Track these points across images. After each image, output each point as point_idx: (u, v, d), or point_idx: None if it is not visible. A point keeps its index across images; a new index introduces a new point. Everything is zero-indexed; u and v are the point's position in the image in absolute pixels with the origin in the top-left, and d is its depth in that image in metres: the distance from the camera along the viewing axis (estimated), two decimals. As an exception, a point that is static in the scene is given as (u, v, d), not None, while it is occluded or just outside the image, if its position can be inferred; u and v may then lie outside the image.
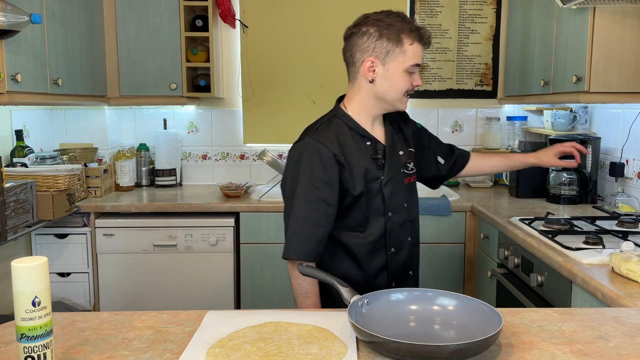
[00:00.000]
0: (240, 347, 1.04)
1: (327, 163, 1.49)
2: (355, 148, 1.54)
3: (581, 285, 1.56)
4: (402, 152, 1.62)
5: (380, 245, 1.58)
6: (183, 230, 2.69)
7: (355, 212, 1.55)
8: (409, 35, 1.48)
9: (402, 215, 1.61)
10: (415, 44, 1.49)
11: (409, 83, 1.53)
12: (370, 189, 1.54)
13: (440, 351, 0.95)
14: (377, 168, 1.55)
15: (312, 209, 1.50)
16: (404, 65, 1.50)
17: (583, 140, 2.66)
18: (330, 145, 1.50)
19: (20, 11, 1.91)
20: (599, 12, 2.10)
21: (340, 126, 1.55)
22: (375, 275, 1.60)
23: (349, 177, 1.51)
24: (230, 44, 3.27)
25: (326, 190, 1.49)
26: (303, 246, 1.50)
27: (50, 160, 2.70)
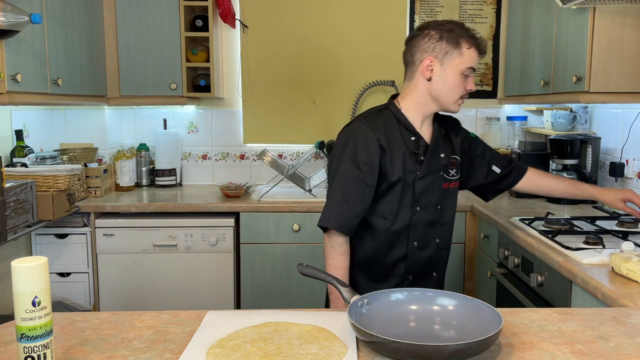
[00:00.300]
0: (240, 347, 1.04)
1: (370, 146, 1.61)
2: (399, 139, 1.64)
3: (581, 285, 1.56)
4: (443, 155, 1.69)
5: (404, 237, 1.67)
6: (183, 230, 2.69)
7: (389, 199, 1.65)
8: (467, 40, 1.60)
9: (432, 214, 1.68)
10: (472, 49, 1.60)
11: (463, 86, 1.62)
12: (405, 180, 1.63)
13: (440, 351, 0.95)
14: (415, 163, 1.65)
15: (351, 186, 1.62)
16: (460, 67, 1.60)
17: (583, 140, 2.66)
18: (376, 130, 1.63)
19: (20, 11, 1.91)
20: (599, 12, 2.10)
21: (389, 117, 1.67)
22: (394, 264, 1.69)
23: (389, 163, 1.62)
24: (230, 44, 3.27)
25: (366, 170, 1.61)
26: (337, 218, 1.62)
27: (50, 160, 2.70)
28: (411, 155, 1.65)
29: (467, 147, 1.81)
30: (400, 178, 1.62)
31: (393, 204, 1.65)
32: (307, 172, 3.20)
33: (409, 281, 1.71)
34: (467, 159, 1.81)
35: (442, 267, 1.77)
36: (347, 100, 3.28)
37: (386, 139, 1.63)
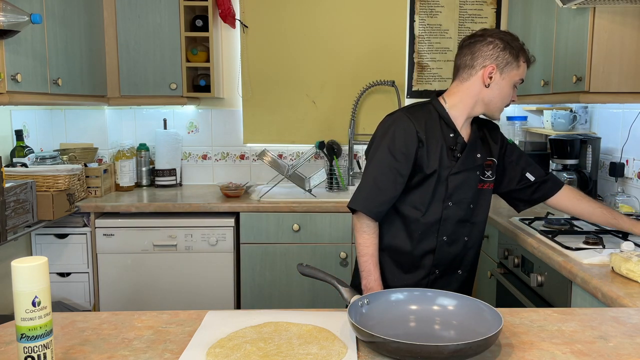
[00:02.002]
0: (240, 347, 1.04)
1: (408, 136, 1.66)
2: (439, 133, 1.68)
3: (581, 285, 1.56)
4: (479, 155, 1.72)
5: (434, 230, 1.70)
6: (183, 230, 2.69)
7: (422, 191, 1.68)
8: (524, 54, 1.69)
9: (464, 211, 1.71)
10: (525, 66, 1.70)
11: (510, 95, 1.70)
12: (440, 174, 1.67)
13: (440, 351, 0.95)
14: (452, 159, 1.68)
15: (384, 173, 1.67)
16: (515, 79, 1.68)
17: (583, 140, 2.66)
18: (416, 122, 1.67)
19: (20, 11, 1.91)
20: (599, 12, 2.10)
21: (431, 112, 1.72)
22: (422, 256, 1.72)
23: (425, 155, 1.66)
24: (230, 44, 3.27)
25: (402, 160, 1.66)
26: (366, 202, 1.68)
27: (50, 160, 2.70)
28: (448, 151, 1.68)
29: (504, 151, 1.84)
30: (435, 171, 1.66)
31: (426, 196, 1.68)
32: (307, 172, 3.20)
33: (435, 275, 1.74)
34: (502, 163, 1.84)
35: (467, 265, 1.79)
36: (347, 100, 3.28)
37: (425, 131, 1.67)
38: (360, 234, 1.71)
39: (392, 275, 1.75)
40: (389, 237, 1.74)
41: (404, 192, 1.69)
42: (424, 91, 3.30)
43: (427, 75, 3.30)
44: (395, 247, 1.74)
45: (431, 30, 3.27)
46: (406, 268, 1.74)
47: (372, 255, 1.72)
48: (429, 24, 3.26)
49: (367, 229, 1.70)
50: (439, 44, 3.28)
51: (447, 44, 3.28)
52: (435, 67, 3.30)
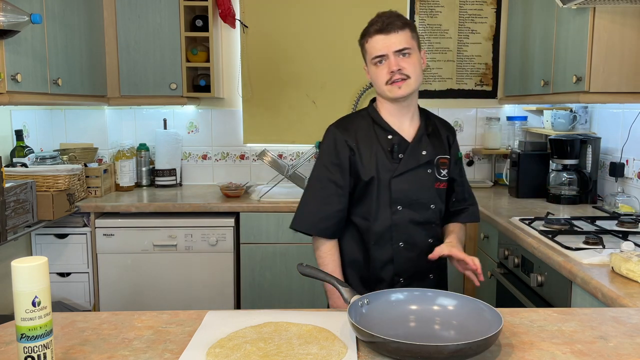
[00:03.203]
0: (240, 347, 1.04)
1: (338, 147, 1.64)
2: (373, 138, 1.64)
3: (581, 285, 1.56)
4: (425, 152, 1.64)
5: (387, 238, 1.63)
6: (183, 230, 2.69)
7: (367, 200, 1.63)
8: (365, 36, 1.62)
9: (421, 214, 1.64)
10: (370, 40, 1.59)
11: (383, 72, 1.59)
12: (381, 179, 1.61)
13: (440, 351, 0.95)
14: (394, 161, 1.62)
15: (321, 187, 1.65)
16: (370, 60, 1.62)
17: (583, 140, 2.66)
18: (344, 131, 1.65)
19: (20, 11, 1.91)
20: (599, 12, 2.10)
21: (365, 118, 1.68)
22: (381, 267, 1.65)
23: (360, 162, 1.62)
24: (230, 44, 3.27)
25: (336, 172, 1.64)
26: (306, 219, 1.66)
27: (50, 160, 2.70)
28: (387, 154, 1.62)
29: (456, 159, 1.76)
30: (373, 177, 1.61)
31: (371, 204, 1.63)
32: (307, 172, 3.19)
33: (400, 284, 1.66)
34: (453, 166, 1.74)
35: (441, 268, 1.73)
36: (347, 100, 3.28)
37: (356, 139, 1.63)
38: (316, 253, 1.68)
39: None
40: (348, 251, 1.70)
41: (353, 204, 1.66)
42: (424, 91, 3.30)
43: (427, 75, 3.30)
44: (355, 261, 1.69)
45: (431, 30, 3.27)
46: (370, 282, 1.67)
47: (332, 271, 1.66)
48: (429, 24, 3.26)
49: (321, 246, 1.67)
50: (439, 44, 3.28)
51: (447, 44, 3.28)
52: (435, 67, 3.30)
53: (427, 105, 3.30)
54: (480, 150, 3.26)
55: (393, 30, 1.57)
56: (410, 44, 1.58)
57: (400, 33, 1.57)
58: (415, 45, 1.60)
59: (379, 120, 1.66)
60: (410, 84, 1.58)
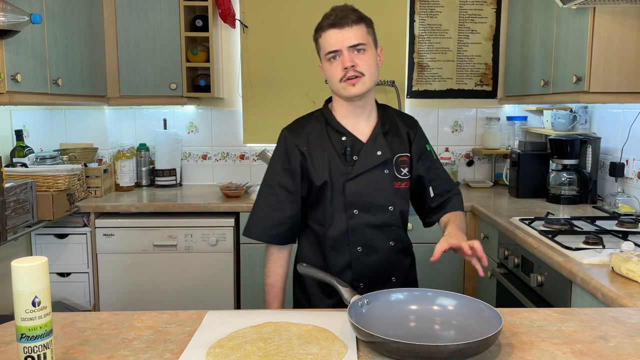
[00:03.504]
0: (240, 347, 1.04)
1: (289, 151, 1.58)
2: (326, 141, 1.58)
3: (581, 285, 1.56)
4: (380, 152, 1.56)
5: (344, 243, 1.58)
6: (183, 230, 2.69)
7: (322, 204, 1.58)
8: (318, 31, 1.56)
9: (380, 217, 1.57)
10: (323, 34, 1.53)
11: (337, 69, 1.52)
12: (335, 183, 1.55)
13: (440, 351, 0.95)
14: (348, 164, 1.55)
15: (271, 193, 1.60)
16: (323, 56, 1.55)
17: (583, 140, 2.66)
18: (295, 135, 1.59)
19: (20, 11, 1.91)
20: (599, 12, 2.10)
21: (318, 120, 1.63)
22: (339, 273, 1.58)
23: (311, 167, 1.56)
24: (230, 44, 3.27)
25: (287, 177, 1.58)
26: (257, 226, 1.62)
27: (50, 160, 2.70)
28: (341, 157, 1.56)
29: (420, 153, 1.65)
30: (326, 182, 1.55)
31: (326, 209, 1.57)
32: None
33: (361, 288, 1.59)
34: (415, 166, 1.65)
35: (404, 270, 1.66)
36: (347, 100, 3.28)
37: (307, 142, 1.57)
38: (265, 261, 1.66)
39: (317, 300, 1.64)
40: (306, 256, 1.65)
41: (309, 209, 1.61)
42: (424, 91, 3.30)
43: (427, 75, 3.30)
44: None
45: (431, 30, 3.27)
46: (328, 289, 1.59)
47: (272, 285, 1.65)
48: (429, 24, 3.26)
49: (269, 255, 1.64)
50: (439, 44, 3.28)
51: (447, 44, 3.28)
52: (435, 67, 3.30)
53: (427, 106, 3.33)
54: (480, 150, 3.26)
55: (347, 25, 1.50)
56: (366, 40, 1.52)
57: (355, 28, 1.50)
58: (371, 41, 1.54)
59: (332, 122, 1.59)
60: (365, 82, 1.51)
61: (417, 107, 3.31)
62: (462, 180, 3.34)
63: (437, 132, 3.33)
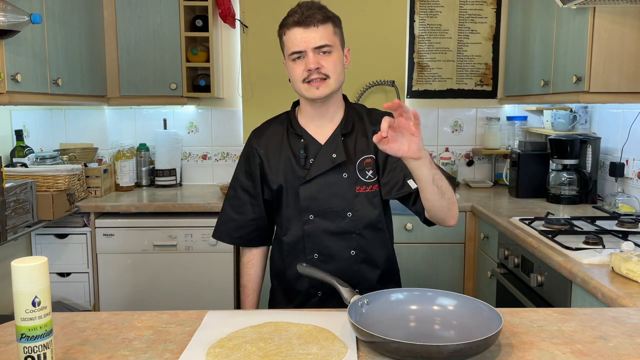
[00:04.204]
0: (240, 347, 1.04)
1: (250, 155, 1.59)
2: (285, 144, 1.54)
3: (581, 285, 1.56)
4: (335, 155, 1.49)
5: (299, 249, 1.54)
6: (183, 230, 2.69)
7: (282, 209, 1.56)
8: (282, 27, 1.48)
9: (337, 223, 1.50)
10: (288, 32, 1.45)
11: (300, 69, 1.45)
12: (290, 187, 1.52)
13: (440, 351, 0.95)
14: (303, 167, 1.51)
15: (235, 196, 1.62)
16: (287, 55, 1.48)
17: (583, 140, 2.66)
18: (256, 138, 1.59)
19: (20, 11, 1.91)
20: (599, 12, 2.10)
21: (282, 123, 1.60)
22: (295, 279, 1.56)
23: (269, 171, 1.55)
24: (230, 44, 3.27)
25: (248, 180, 1.59)
26: (221, 228, 1.64)
27: (50, 160, 2.70)
28: (297, 161, 1.51)
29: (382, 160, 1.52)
30: (281, 186, 1.52)
31: (284, 213, 1.55)
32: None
33: (319, 297, 1.55)
34: (383, 165, 1.51)
35: (369, 283, 1.53)
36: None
37: (266, 146, 1.56)
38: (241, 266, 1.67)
39: (280, 306, 1.62)
40: (272, 261, 1.65)
41: (275, 212, 1.60)
42: (424, 91, 3.30)
43: (427, 75, 3.30)
44: (278, 272, 1.62)
45: (431, 30, 3.27)
46: (289, 294, 1.60)
47: (244, 286, 1.65)
48: (429, 24, 3.26)
49: (241, 256, 1.64)
50: (439, 44, 3.28)
51: (447, 44, 3.28)
52: (435, 67, 3.30)
53: (427, 106, 3.33)
54: (480, 150, 3.26)
55: (312, 24, 1.42)
56: (332, 41, 1.45)
57: (321, 28, 1.43)
58: (337, 42, 1.48)
59: (293, 124, 1.56)
60: (329, 85, 1.45)
61: (417, 107, 3.31)
62: (462, 180, 3.34)
63: (437, 132, 3.33)
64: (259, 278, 1.67)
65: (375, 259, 1.55)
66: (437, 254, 2.73)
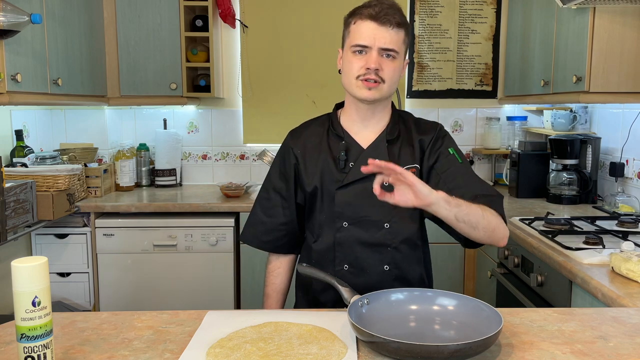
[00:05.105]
0: (240, 347, 1.04)
1: (286, 155, 1.51)
2: (324, 146, 1.46)
3: (581, 285, 1.56)
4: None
5: (329, 258, 1.43)
6: (183, 230, 2.69)
7: (315, 214, 1.47)
8: (354, 15, 1.39)
9: (372, 233, 1.41)
10: (359, 22, 1.36)
11: (358, 65, 1.36)
12: (326, 190, 1.44)
13: (440, 351, 0.95)
14: (341, 171, 1.42)
15: (266, 197, 1.53)
16: (352, 43, 1.38)
17: (583, 140, 2.66)
18: (294, 138, 1.51)
19: (20, 11, 1.91)
20: (599, 12, 2.10)
21: (322, 123, 1.51)
22: (321, 291, 1.46)
23: (304, 172, 1.47)
24: (230, 44, 3.27)
25: (282, 181, 1.51)
26: (250, 231, 1.55)
27: (50, 160, 2.70)
28: (336, 163, 1.43)
29: (435, 160, 1.44)
30: (317, 188, 1.43)
31: (317, 218, 1.46)
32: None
33: None
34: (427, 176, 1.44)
35: None
36: (347, 100, 3.28)
37: (303, 146, 1.48)
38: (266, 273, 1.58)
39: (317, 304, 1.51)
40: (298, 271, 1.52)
41: (306, 217, 1.50)
42: (424, 91, 3.30)
43: (427, 75, 3.30)
44: (301, 283, 1.53)
45: (431, 30, 3.27)
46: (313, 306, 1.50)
47: (268, 295, 1.56)
48: (429, 24, 3.26)
49: (268, 263, 1.56)
50: (439, 44, 3.28)
51: (447, 44, 3.28)
52: (435, 67, 3.30)
53: (427, 106, 3.33)
54: (480, 150, 3.26)
55: (388, 24, 1.35)
56: (399, 48, 1.38)
57: (395, 31, 1.36)
58: (403, 51, 1.40)
59: (335, 125, 1.47)
60: (381, 90, 1.37)
61: (417, 107, 3.31)
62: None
63: (437, 132, 3.33)
64: (284, 288, 1.58)
65: (409, 278, 1.46)
66: (437, 254, 2.72)
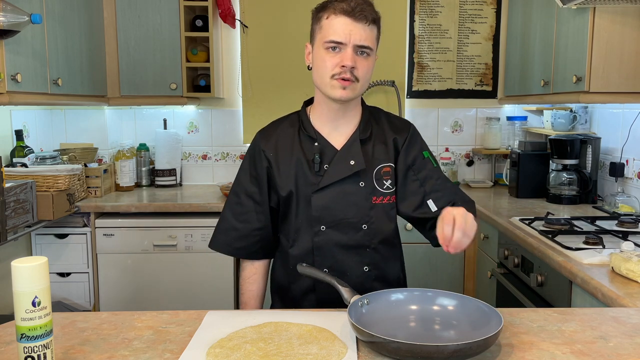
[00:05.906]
0: (240, 347, 1.04)
1: (256, 158, 1.45)
2: (297, 147, 1.41)
3: (581, 285, 1.56)
4: (353, 162, 1.37)
5: (308, 263, 1.37)
6: (183, 230, 2.69)
7: (290, 218, 1.43)
8: (326, 10, 1.33)
9: (349, 236, 1.39)
10: (333, 18, 1.31)
11: (332, 63, 1.31)
12: (301, 194, 1.40)
13: (440, 351, 0.95)
14: (316, 173, 1.39)
15: (238, 202, 1.47)
16: (324, 39, 1.32)
17: (583, 140, 2.66)
18: (264, 140, 1.45)
19: (20, 11, 1.91)
20: (599, 12, 2.10)
21: (292, 124, 1.46)
22: (302, 296, 1.44)
23: (277, 175, 1.42)
24: (230, 44, 3.27)
25: (254, 185, 1.45)
26: (220, 237, 1.48)
27: (50, 160, 2.70)
28: (310, 166, 1.39)
29: (412, 162, 1.43)
30: (291, 192, 1.39)
31: (293, 222, 1.41)
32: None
33: None
34: (404, 179, 1.42)
35: None
36: (347, 100, 3.28)
37: (275, 148, 1.42)
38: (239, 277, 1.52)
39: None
40: (274, 275, 1.50)
41: (280, 221, 1.46)
42: (424, 91, 3.30)
43: (427, 75, 3.30)
44: (280, 287, 1.49)
45: (431, 30, 3.27)
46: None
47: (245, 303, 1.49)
48: (429, 24, 3.26)
49: (242, 270, 1.49)
50: (439, 44, 3.28)
51: (447, 44, 3.28)
52: (435, 67, 3.30)
53: (427, 106, 3.33)
54: (480, 150, 3.26)
55: (364, 20, 1.31)
56: (373, 45, 1.36)
57: (370, 27, 1.33)
58: (375, 48, 1.38)
59: (306, 126, 1.42)
60: (355, 88, 1.34)
61: (417, 107, 3.31)
62: (462, 180, 3.34)
63: (437, 132, 3.33)
64: (261, 295, 1.53)
65: (388, 277, 1.46)
66: (437, 254, 2.73)
